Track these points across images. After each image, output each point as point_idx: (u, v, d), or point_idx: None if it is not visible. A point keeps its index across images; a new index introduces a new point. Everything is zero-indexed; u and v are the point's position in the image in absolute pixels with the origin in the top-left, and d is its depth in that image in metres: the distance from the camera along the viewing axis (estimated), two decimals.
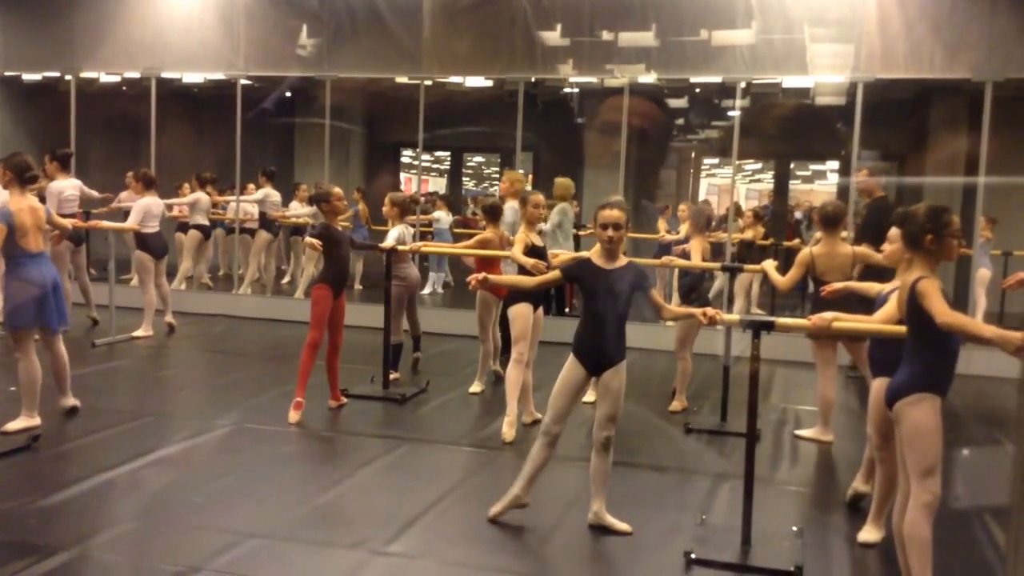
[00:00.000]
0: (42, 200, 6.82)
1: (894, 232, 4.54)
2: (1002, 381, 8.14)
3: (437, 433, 6.30)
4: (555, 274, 4.71)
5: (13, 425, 5.73)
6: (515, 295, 6.36)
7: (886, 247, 4.66)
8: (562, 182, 9.27)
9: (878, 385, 4.40)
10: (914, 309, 3.52)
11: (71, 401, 6.19)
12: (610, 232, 4.37)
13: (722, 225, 11.01)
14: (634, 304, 4.45)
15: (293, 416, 6.30)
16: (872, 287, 4.86)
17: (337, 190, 6.61)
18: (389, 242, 7.27)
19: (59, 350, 6.01)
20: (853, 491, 5.04)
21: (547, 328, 6.86)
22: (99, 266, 11.83)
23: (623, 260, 4.46)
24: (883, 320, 4.25)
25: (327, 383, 6.71)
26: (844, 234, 6.27)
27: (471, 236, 7.99)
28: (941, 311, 3.38)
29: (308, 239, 6.51)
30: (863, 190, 8.40)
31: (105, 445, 5.72)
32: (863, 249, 6.32)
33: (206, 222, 11.59)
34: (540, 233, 7.17)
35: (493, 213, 7.19)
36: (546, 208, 6.91)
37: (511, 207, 8.02)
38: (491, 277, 4.80)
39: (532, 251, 6.33)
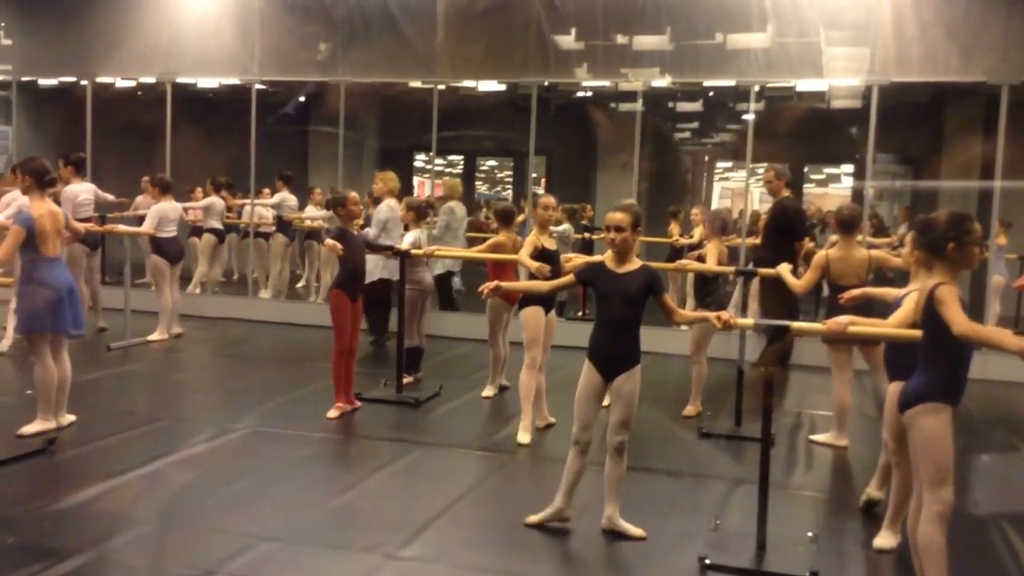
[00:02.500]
0: (56, 204, 6.85)
1: (911, 237, 4.52)
2: (1019, 386, 8.12)
3: (450, 437, 6.30)
4: (568, 278, 4.71)
5: (29, 428, 5.75)
6: (526, 299, 6.35)
7: (904, 251, 4.64)
8: (448, 182, 9.36)
9: (894, 389, 4.37)
10: (931, 315, 3.48)
11: (68, 419, 6.04)
12: (612, 235, 4.37)
13: (736, 228, 10.99)
14: (650, 308, 4.45)
15: (332, 413, 6.53)
16: (889, 292, 4.83)
17: (353, 195, 6.64)
18: (404, 245, 7.28)
19: (65, 362, 5.98)
20: (867, 496, 5.01)
21: (560, 332, 6.85)
22: (114, 270, 11.88)
23: (636, 263, 4.44)
24: (897, 324, 4.22)
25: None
26: (833, 238, 6.28)
27: (484, 240, 8.00)
28: (958, 321, 3.33)
29: (328, 241, 6.53)
30: (769, 191, 8.41)
31: (121, 448, 5.74)
32: (879, 253, 6.30)
33: (220, 226, 11.63)
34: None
35: (506, 217, 7.17)
36: (556, 210, 6.87)
37: (387, 206, 8.40)
38: (504, 284, 4.80)
39: (542, 254, 6.30)
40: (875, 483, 5.00)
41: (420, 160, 17.44)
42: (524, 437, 6.09)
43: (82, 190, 8.94)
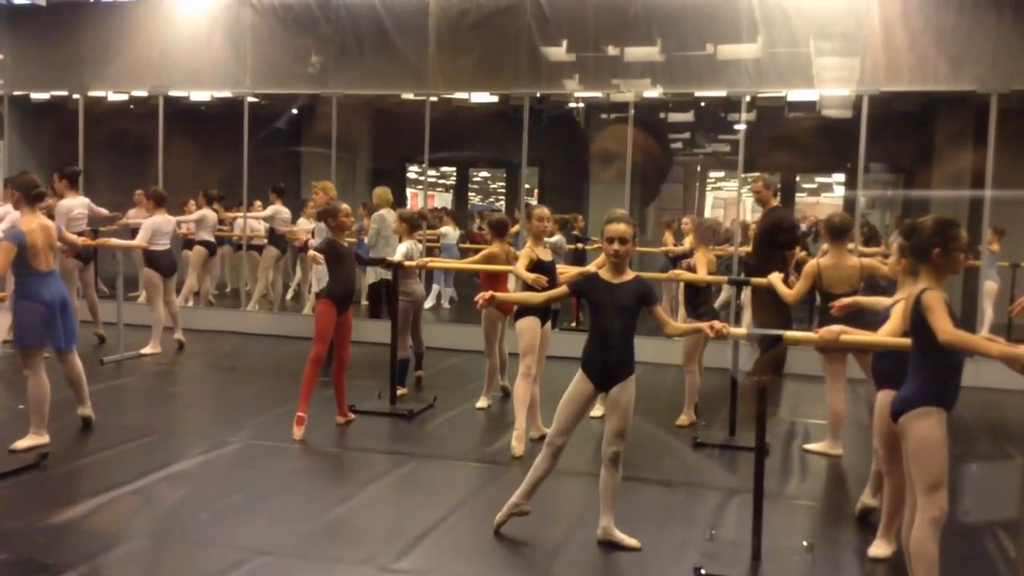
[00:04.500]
0: (50, 218, 6.85)
1: (897, 246, 4.53)
2: (1012, 393, 8.14)
3: (444, 449, 6.29)
4: (562, 289, 4.70)
5: (22, 443, 5.73)
6: (522, 309, 6.35)
7: (891, 260, 4.65)
8: (379, 191, 9.37)
9: (883, 398, 4.38)
10: (918, 321, 3.50)
11: (88, 411, 6.25)
12: (616, 246, 4.37)
13: (727, 236, 11.01)
14: (644, 318, 4.45)
15: (296, 432, 6.30)
16: (881, 301, 4.84)
17: (344, 206, 6.63)
18: (397, 257, 7.29)
19: (74, 363, 6.06)
20: (862, 505, 5.02)
21: (554, 342, 6.85)
22: (108, 284, 11.87)
23: (630, 274, 4.45)
24: (887, 333, 4.24)
25: (334, 399, 6.72)
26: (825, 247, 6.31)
27: (477, 251, 8.01)
28: (943, 328, 3.35)
29: (311, 252, 6.51)
30: (758, 200, 8.45)
31: (114, 462, 5.72)
32: (870, 261, 6.32)
33: (211, 239, 11.62)
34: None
35: (499, 228, 7.18)
36: (551, 221, 6.87)
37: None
38: (498, 295, 4.79)
39: (538, 266, 6.30)
40: (869, 491, 5.00)
41: (413, 172, 17.47)
42: (518, 448, 6.07)
43: (76, 204, 8.93)
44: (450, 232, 13.09)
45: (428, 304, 12.45)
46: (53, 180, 8.99)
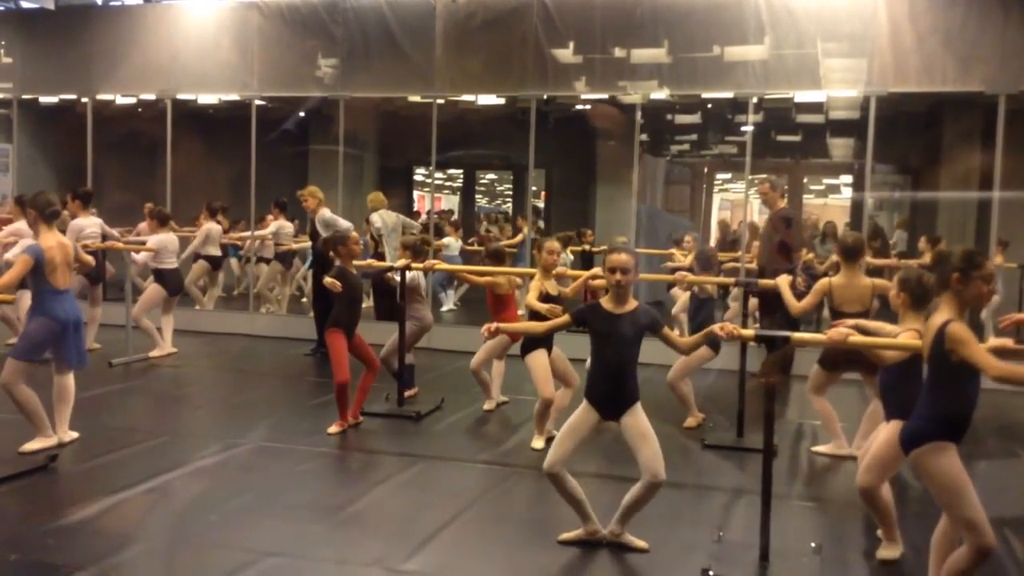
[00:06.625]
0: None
1: (898, 279, 4.43)
2: (1019, 395, 8.12)
3: (452, 450, 6.30)
4: (564, 319, 4.66)
5: (31, 445, 5.77)
6: (529, 343, 6.32)
7: (891, 294, 4.51)
8: (372, 196, 10.22)
9: (893, 428, 4.24)
10: (941, 353, 3.41)
11: (70, 435, 6.07)
12: (618, 276, 4.35)
13: (736, 239, 10.99)
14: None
15: (333, 428, 6.51)
16: (884, 327, 4.72)
17: (354, 234, 6.71)
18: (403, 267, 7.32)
19: (69, 381, 6.03)
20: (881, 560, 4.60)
21: (560, 345, 6.84)
22: (115, 288, 11.90)
23: (633, 303, 4.43)
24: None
25: (335, 404, 6.71)
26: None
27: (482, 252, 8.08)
28: (992, 365, 3.25)
29: (328, 279, 6.55)
30: (765, 202, 8.40)
31: (123, 464, 5.74)
32: (882, 281, 6.24)
33: (218, 252, 11.54)
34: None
35: (498, 257, 7.26)
36: (560, 254, 6.84)
37: (325, 212, 9.17)
38: (502, 326, 4.84)
39: (546, 299, 6.32)
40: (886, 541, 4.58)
41: (420, 174, 17.50)
42: (538, 443, 6.20)
43: (88, 224, 8.93)
44: (452, 243, 13.06)
45: (445, 309, 12.51)
46: (67, 200, 9.00)
